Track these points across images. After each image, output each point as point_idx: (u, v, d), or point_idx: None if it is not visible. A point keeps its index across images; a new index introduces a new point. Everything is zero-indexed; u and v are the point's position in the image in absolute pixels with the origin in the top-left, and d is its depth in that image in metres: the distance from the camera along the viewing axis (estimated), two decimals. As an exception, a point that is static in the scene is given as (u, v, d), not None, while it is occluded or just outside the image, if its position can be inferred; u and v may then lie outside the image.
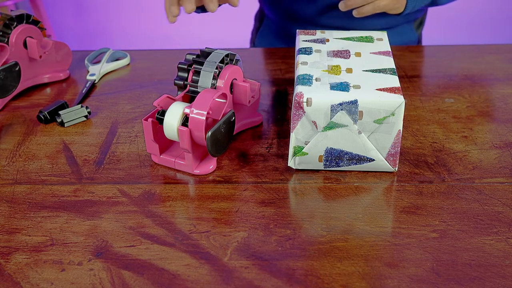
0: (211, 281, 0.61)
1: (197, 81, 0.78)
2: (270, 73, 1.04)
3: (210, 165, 0.78)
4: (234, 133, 0.80)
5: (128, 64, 1.10)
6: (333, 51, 0.83)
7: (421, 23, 1.24)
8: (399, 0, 0.92)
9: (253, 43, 1.33)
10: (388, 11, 0.92)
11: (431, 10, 1.33)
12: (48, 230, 0.69)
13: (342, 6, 0.90)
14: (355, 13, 0.91)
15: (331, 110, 0.72)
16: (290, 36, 1.20)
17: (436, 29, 2.57)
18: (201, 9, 1.00)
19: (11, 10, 0.97)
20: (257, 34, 1.29)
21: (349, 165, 0.76)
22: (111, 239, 0.67)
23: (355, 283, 0.60)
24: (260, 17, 1.30)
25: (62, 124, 0.89)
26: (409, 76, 1.02)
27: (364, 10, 0.89)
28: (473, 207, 0.70)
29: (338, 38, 0.87)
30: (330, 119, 0.72)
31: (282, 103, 0.94)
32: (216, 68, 0.78)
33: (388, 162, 0.75)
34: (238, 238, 0.66)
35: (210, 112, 0.74)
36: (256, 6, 1.34)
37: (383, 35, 0.88)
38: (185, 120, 0.73)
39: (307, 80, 0.75)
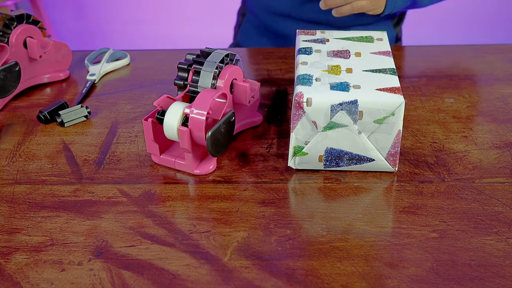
0: (211, 281, 0.61)
1: (197, 81, 0.78)
2: (270, 73, 1.04)
3: (210, 165, 0.78)
4: (234, 133, 0.80)
5: (128, 64, 1.10)
6: (333, 51, 0.83)
7: (400, 21, 1.25)
8: (378, 2, 0.94)
9: (235, 38, 1.33)
10: (366, 12, 0.94)
11: (432, 10, 1.33)
12: (48, 230, 0.69)
13: (322, 5, 0.92)
14: (334, 13, 0.93)
15: (331, 110, 0.72)
16: (270, 31, 1.21)
17: (436, 29, 2.57)
18: None
19: (11, 10, 0.97)
20: (239, 29, 1.30)
21: (349, 165, 0.76)
22: (111, 239, 0.67)
23: (355, 283, 0.60)
24: (242, 12, 1.31)
25: (62, 124, 0.89)
26: (409, 76, 1.02)
27: (343, 10, 0.91)
28: (473, 207, 0.70)
29: (338, 38, 0.87)
30: (330, 119, 0.72)
31: (282, 103, 0.94)
32: (216, 68, 0.78)
33: (388, 162, 0.75)
34: (238, 238, 0.66)
35: (210, 112, 0.74)
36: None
37: (383, 35, 0.88)
38: (185, 120, 0.73)
39: (307, 80, 0.75)
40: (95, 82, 1.02)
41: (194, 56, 0.80)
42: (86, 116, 0.91)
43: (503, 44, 1.15)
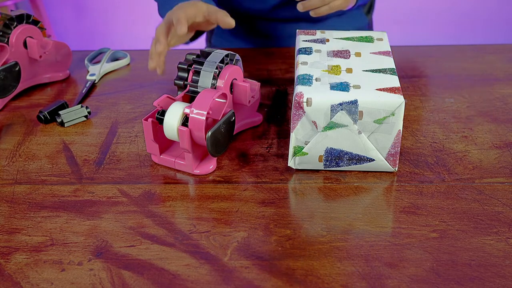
0: (211, 281, 0.61)
1: (197, 81, 0.78)
2: (270, 73, 1.04)
3: (210, 165, 0.78)
4: (234, 133, 0.80)
5: (128, 64, 1.10)
6: (333, 51, 0.83)
7: (370, 8, 1.27)
8: None
9: (208, 41, 1.33)
10: (342, 9, 0.95)
11: (432, 11, 1.34)
12: (48, 230, 0.69)
13: (300, 8, 0.93)
14: (312, 14, 0.93)
15: (331, 110, 0.72)
16: (247, 31, 1.21)
17: (436, 29, 2.57)
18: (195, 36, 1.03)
19: (11, 10, 0.97)
20: (213, 33, 1.29)
21: (349, 165, 0.76)
22: (111, 239, 0.67)
23: (355, 283, 0.60)
24: None
25: (62, 124, 0.89)
26: (409, 76, 1.02)
27: (321, 10, 0.92)
28: (473, 207, 0.70)
29: (338, 38, 0.87)
30: (330, 119, 0.72)
31: (282, 103, 0.94)
32: (216, 68, 0.78)
33: (388, 162, 0.75)
34: (238, 238, 0.66)
35: (210, 112, 0.74)
36: None
37: (383, 35, 0.88)
38: (185, 120, 0.73)
39: (307, 80, 0.75)
40: (95, 82, 1.02)
41: (194, 56, 0.80)
42: (86, 116, 0.91)
43: (503, 44, 1.15)
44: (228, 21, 0.89)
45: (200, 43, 1.53)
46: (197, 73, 0.78)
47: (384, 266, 0.62)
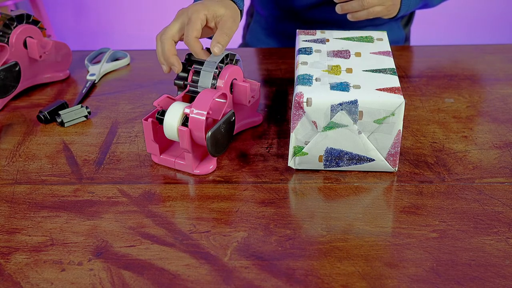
0: (211, 281, 0.61)
1: (197, 81, 0.78)
2: (270, 73, 1.04)
3: (210, 165, 0.78)
4: (234, 133, 0.80)
5: (128, 64, 1.10)
6: (333, 51, 0.83)
7: (409, 21, 1.25)
8: (393, 6, 0.94)
9: (244, 38, 1.33)
10: (382, 16, 0.95)
11: (433, 11, 1.33)
12: (48, 230, 0.69)
13: (338, 9, 0.93)
14: (349, 17, 0.93)
15: (331, 110, 0.72)
16: (279, 32, 1.21)
17: (436, 29, 2.57)
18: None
19: (11, 10, 0.97)
20: (248, 30, 1.29)
21: (349, 165, 0.76)
22: (111, 239, 0.67)
23: (355, 283, 0.60)
24: (250, 12, 1.31)
25: (62, 124, 0.89)
26: (409, 76, 1.02)
27: (359, 15, 0.92)
28: (473, 207, 0.70)
29: (338, 38, 0.87)
30: (330, 119, 0.72)
31: (282, 103, 0.94)
32: (216, 68, 0.78)
33: (388, 162, 0.75)
34: (238, 238, 0.66)
35: (210, 112, 0.74)
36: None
37: (383, 35, 0.88)
38: (185, 120, 0.73)
39: (307, 80, 0.75)
40: (95, 82, 1.02)
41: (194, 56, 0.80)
42: (86, 116, 0.91)
43: (503, 44, 1.15)
44: (212, 49, 0.76)
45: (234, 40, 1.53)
46: (197, 73, 0.78)
47: (384, 266, 0.62)
